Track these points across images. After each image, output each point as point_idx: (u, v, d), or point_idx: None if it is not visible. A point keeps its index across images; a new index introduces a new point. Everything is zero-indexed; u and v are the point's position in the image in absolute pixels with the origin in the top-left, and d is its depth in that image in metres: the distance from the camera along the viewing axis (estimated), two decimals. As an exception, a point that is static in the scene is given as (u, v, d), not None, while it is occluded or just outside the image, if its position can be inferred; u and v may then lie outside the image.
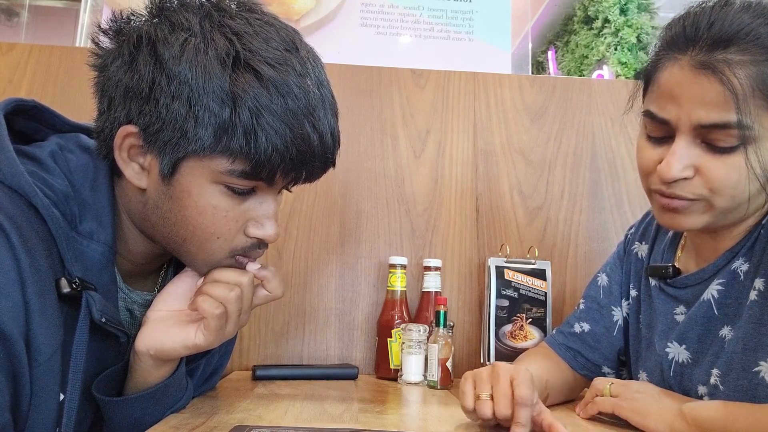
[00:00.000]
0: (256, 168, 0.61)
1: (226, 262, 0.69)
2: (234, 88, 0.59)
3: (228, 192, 0.64)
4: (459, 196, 1.32)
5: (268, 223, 0.67)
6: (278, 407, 0.80)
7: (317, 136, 0.63)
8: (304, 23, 1.86)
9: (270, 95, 0.60)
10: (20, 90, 1.25)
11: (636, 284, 0.93)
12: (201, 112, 0.59)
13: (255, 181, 0.64)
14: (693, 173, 0.70)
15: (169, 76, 0.59)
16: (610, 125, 1.37)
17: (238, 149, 0.60)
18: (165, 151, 0.61)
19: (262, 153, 0.60)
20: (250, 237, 0.68)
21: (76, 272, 0.61)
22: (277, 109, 0.60)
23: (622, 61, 3.72)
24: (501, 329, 1.18)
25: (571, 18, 4.53)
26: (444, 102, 1.36)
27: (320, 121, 0.64)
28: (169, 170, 0.62)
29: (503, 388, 0.66)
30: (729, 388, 0.71)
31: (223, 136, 0.59)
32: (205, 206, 0.63)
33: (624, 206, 1.34)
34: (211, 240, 0.65)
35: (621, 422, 0.74)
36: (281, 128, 0.60)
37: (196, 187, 0.63)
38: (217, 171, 0.62)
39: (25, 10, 2.26)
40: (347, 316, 1.26)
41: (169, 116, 0.60)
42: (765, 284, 0.70)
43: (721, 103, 0.65)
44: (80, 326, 0.61)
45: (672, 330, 0.82)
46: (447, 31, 1.93)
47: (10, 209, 0.56)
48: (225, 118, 0.59)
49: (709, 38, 0.67)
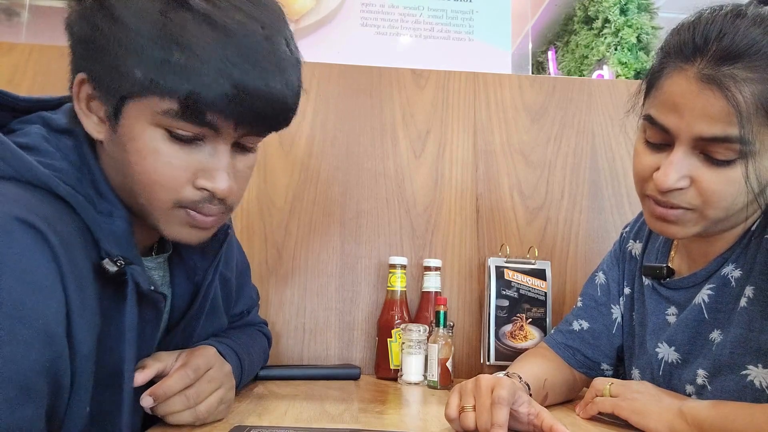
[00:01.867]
0: (189, 107, 0.59)
1: (176, 215, 0.65)
2: (167, 25, 0.57)
3: (170, 137, 0.61)
4: (459, 196, 1.33)
5: (218, 174, 0.64)
6: (278, 407, 0.80)
7: (258, 77, 0.60)
8: (304, 23, 1.86)
9: (202, 31, 0.58)
10: (20, 90, 1.25)
11: (630, 282, 0.94)
12: (135, 50, 0.58)
13: (196, 125, 0.61)
14: (689, 183, 0.70)
15: (107, 16, 0.59)
16: (610, 125, 1.37)
17: (170, 87, 0.58)
18: (109, 94, 0.61)
19: (192, 92, 0.58)
20: (199, 189, 0.64)
21: (114, 251, 0.62)
22: (209, 47, 0.57)
23: (622, 61, 3.72)
24: (501, 329, 1.18)
25: (571, 18, 4.53)
26: (444, 102, 1.36)
27: (260, 64, 0.60)
28: (113, 114, 0.61)
29: (484, 400, 0.67)
30: (716, 388, 0.72)
31: (155, 74, 0.58)
32: (146, 151, 0.61)
33: (624, 206, 1.34)
34: (156, 189, 0.63)
35: (621, 422, 0.75)
36: (211, 65, 0.58)
37: (138, 130, 0.61)
38: (155, 112, 0.60)
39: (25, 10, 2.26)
40: (347, 316, 1.26)
41: (108, 57, 0.59)
42: (754, 292, 0.71)
43: (724, 118, 0.65)
44: (129, 302, 0.61)
45: (663, 330, 0.83)
46: (447, 31, 1.93)
47: (39, 207, 0.55)
48: (157, 55, 0.57)
49: (718, 51, 0.65)
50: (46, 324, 0.51)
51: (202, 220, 0.66)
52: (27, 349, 0.49)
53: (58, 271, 0.53)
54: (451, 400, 0.71)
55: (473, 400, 0.68)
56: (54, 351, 0.52)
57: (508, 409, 0.65)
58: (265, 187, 1.28)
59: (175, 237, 0.67)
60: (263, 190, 1.28)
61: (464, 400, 0.69)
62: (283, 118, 0.66)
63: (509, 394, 0.66)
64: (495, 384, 0.68)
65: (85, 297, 0.57)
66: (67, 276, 0.54)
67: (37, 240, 0.52)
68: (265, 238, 1.27)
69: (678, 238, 0.79)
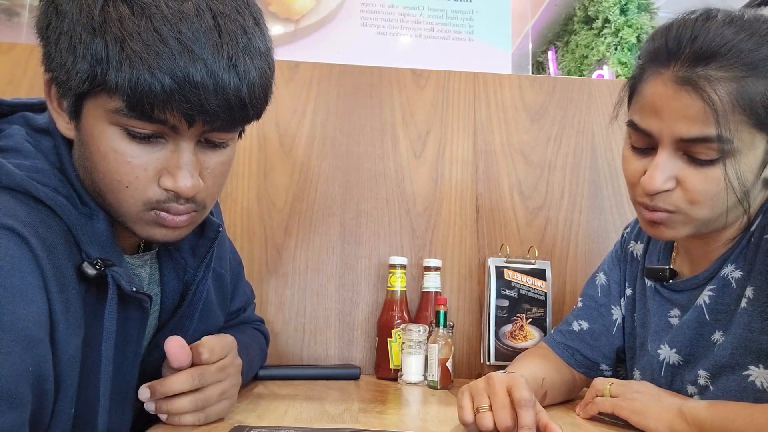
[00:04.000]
0: (131, 102, 0.56)
1: (146, 217, 0.64)
2: (104, 15, 0.56)
3: (127, 136, 0.60)
4: (459, 196, 1.33)
5: (179, 173, 0.61)
6: (278, 407, 0.80)
7: (202, 67, 0.56)
8: (304, 23, 1.86)
9: (136, 19, 0.55)
10: (20, 90, 1.25)
11: (631, 283, 0.94)
12: (77, 45, 0.56)
13: (149, 123, 0.58)
14: (675, 185, 0.71)
15: (57, 11, 0.58)
16: (610, 125, 1.37)
17: (113, 84, 0.55)
18: (67, 92, 0.60)
19: (129, 84, 0.55)
20: (164, 189, 0.62)
21: (95, 253, 0.61)
22: (145, 36, 0.55)
23: (622, 61, 3.72)
24: (501, 329, 1.18)
25: (571, 18, 4.53)
26: (444, 102, 1.36)
27: (206, 50, 0.57)
28: (72, 112, 0.61)
29: (501, 398, 0.66)
30: (718, 389, 0.73)
31: (97, 68, 0.56)
32: (106, 150, 0.60)
33: (624, 206, 1.34)
34: (121, 189, 0.61)
35: (621, 422, 0.75)
36: (147, 55, 0.55)
37: (96, 129, 0.60)
38: (108, 110, 0.58)
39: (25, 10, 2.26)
40: (347, 316, 1.26)
41: (58, 54, 0.58)
42: (754, 292, 0.71)
43: (702, 118, 0.66)
44: (109, 304, 0.60)
45: (665, 332, 0.83)
46: (447, 31, 1.93)
47: (21, 212, 0.55)
48: (96, 48, 0.56)
49: (691, 53, 0.67)
50: (26, 329, 0.50)
51: (172, 220, 0.64)
52: (7, 354, 0.49)
53: (41, 275, 0.53)
54: (463, 403, 0.69)
55: (487, 399, 0.67)
56: (36, 356, 0.51)
57: (534, 410, 0.65)
58: (265, 187, 1.28)
59: (149, 237, 0.66)
60: (263, 190, 1.28)
61: (478, 401, 0.68)
62: (242, 111, 0.61)
63: (530, 394, 0.65)
64: (510, 383, 0.67)
65: (68, 300, 0.56)
66: (49, 280, 0.53)
67: (19, 245, 0.52)
68: (265, 238, 1.27)
69: (671, 239, 0.80)
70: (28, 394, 0.51)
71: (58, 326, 0.54)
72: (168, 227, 0.65)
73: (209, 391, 0.67)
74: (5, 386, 0.48)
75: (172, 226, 0.65)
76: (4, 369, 0.48)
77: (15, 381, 0.49)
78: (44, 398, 0.54)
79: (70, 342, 0.56)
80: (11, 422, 0.49)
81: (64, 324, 0.55)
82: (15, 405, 0.49)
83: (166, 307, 0.77)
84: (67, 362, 0.56)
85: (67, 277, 0.57)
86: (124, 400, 0.68)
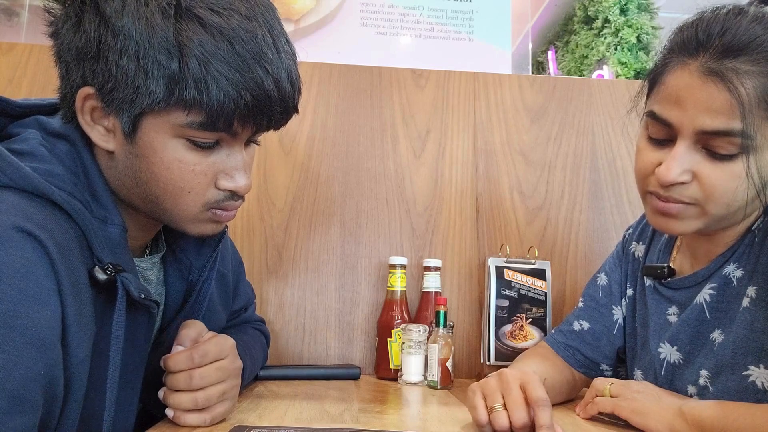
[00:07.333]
0: (212, 117, 0.61)
1: (202, 216, 0.68)
2: (179, 38, 0.58)
3: (191, 146, 0.63)
4: (459, 196, 1.33)
5: (237, 174, 0.67)
6: (278, 407, 0.80)
7: (271, 80, 0.62)
8: (304, 23, 1.86)
9: (216, 41, 0.59)
10: (20, 90, 1.25)
11: (632, 284, 0.94)
12: (150, 66, 0.58)
13: (216, 132, 0.63)
14: (691, 178, 0.70)
15: (113, 31, 0.59)
16: (610, 125, 1.37)
17: (191, 100, 0.59)
18: (123, 109, 0.61)
19: (215, 102, 0.60)
20: (222, 190, 0.67)
21: (107, 258, 0.62)
22: (225, 55, 0.59)
23: (622, 61, 3.72)
24: (501, 329, 1.18)
25: (571, 18, 4.53)
26: (444, 102, 1.36)
27: (273, 65, 0.62)
28: (130, 128, 0.62)
29: (515, 396, 0.65)
30: (718, 389, 0.72)
31: (174, 88, 0.59)
32: (171, 161, 0.63)
33: (624, 206, 1.34)
34: (183, 195, 0.65)
35: (621, 422, 0.75)
36: (231, 74, 0.60)
37: (159, 143, 0.63)
38: (176, 124, 0.61)
39: (25, 10, 2.26)
40: (347, 316, 1.26)
41: (120, 73, 0.59)
42: (756, 292, 0.71)
43: (727, 111, 0.65)
44: (118, 309, 0.61)
45: (664, 330, 0.83)
46: (447, 31, 1.93)
47: (37, 215, 0.55)
48: (174, 69, 0.58)
49: (721, 45, 0.66)
50: (39, 332, 0.51)
51: (226, 216, 0.70)
52: (19, 357, 0.49)
53: (55, 278, 0.53)
54: (476, 402, 0.68)
55: (501, 398, 0.67)
56: (48, 360, 0.52)
57: (550, 408, 0.64)
58: (265, 187, 1.28)
59: (199, 233, 0.71)
60: (263, 190, 1.28)
61: (491, 400, 0.67)
62: (291, 113, 0.68)
63: (545, 392, 0.65)
64: (524, 379, 0.67)
65: (81, 304, 0.57)
66: (64, 283, 0.54)
67: (35, 248, 0.52)
68: (265, 238, 1.27)
69: (679, 233, 0.79)
70: (39, 398, 0.51)
71: (70, 330, 0.54)
72: (220, 222, 0.71)
73: (210, 390, 0.68)
74: (17, 389, 0.48)
75: (224, 221, 0.71)
76: (17, 372, 0.48)
77: (27, 384, 0.49)
78: (54, 402, 0.54)
79: (81, 346, 0.56)
80: (21, 426, 0.49)
81: (75, 328, 0.55)
82: (26, 408, 0.49)
83: (169, 307, 0.78)
84: (77, 366, 0.56)
85: (80, 280, 0.57)
86: (128, 402, 0.68)
